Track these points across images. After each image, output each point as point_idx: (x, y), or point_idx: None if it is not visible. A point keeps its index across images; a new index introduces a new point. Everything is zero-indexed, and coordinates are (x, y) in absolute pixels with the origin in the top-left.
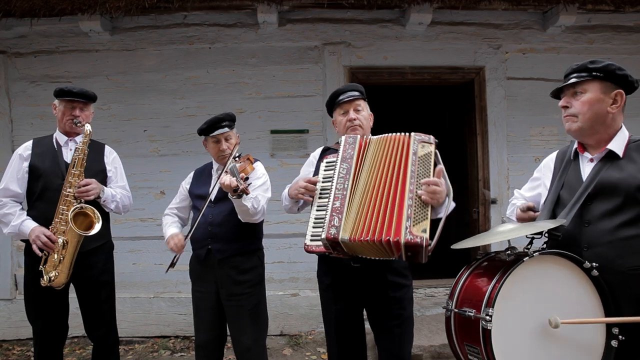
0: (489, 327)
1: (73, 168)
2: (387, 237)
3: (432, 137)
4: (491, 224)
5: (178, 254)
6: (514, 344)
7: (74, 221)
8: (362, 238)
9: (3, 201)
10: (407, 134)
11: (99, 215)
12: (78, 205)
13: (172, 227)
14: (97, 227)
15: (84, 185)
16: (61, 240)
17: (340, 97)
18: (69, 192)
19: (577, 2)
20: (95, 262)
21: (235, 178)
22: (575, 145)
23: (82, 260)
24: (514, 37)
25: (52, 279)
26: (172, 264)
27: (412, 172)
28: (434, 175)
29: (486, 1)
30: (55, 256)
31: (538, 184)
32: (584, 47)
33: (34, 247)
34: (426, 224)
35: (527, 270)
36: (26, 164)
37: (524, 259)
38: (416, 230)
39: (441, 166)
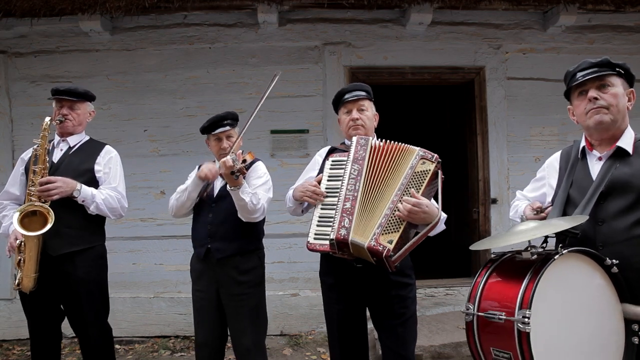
0: (527, 330)
1: (34, 165)
2: (353, 240)
3: (436, 156)
4: (491, 223)
5: (212, 181)
6: (548, 345)
7: (28, 221)
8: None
9: (3, 204)
10: (414, 147)
11: (52, 214)
12: (25, 205)
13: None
14: (47, 227)
15: (45, 183)
16: (18, 242)
17: (345, 96)
18: (31, 190)
19: (578, 2)
20: (71, 270)
21: (231, 157)
22: (583, 144)
23: (56, 266)
24: (514, 37)
25: (19, 282)
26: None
27: (401, 185)
28: (421, 195)
29: (486, 1)
30: (18, 258)
31: (542, 184)
32: (584, 47)
33: (6, 248)
34: (395, 236)
35: (555, 269)
36: (22, 167)
37: (555, 257)
38: (382, 239)
39: (437, 188)
